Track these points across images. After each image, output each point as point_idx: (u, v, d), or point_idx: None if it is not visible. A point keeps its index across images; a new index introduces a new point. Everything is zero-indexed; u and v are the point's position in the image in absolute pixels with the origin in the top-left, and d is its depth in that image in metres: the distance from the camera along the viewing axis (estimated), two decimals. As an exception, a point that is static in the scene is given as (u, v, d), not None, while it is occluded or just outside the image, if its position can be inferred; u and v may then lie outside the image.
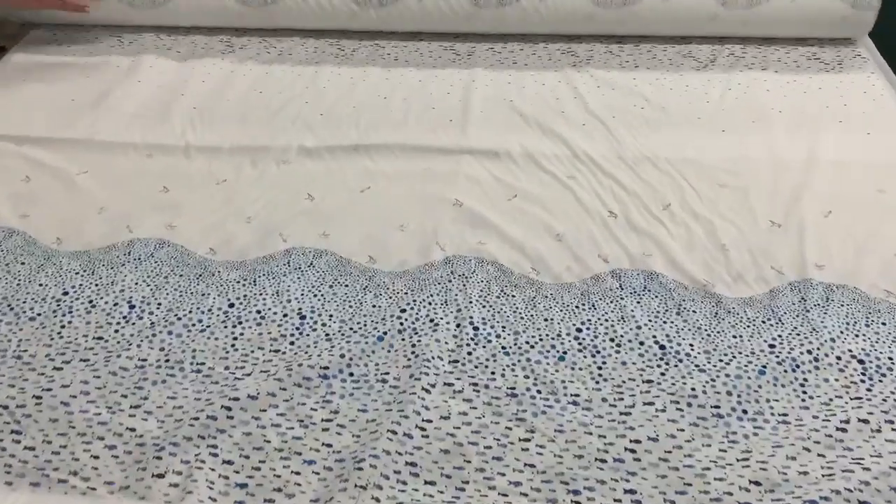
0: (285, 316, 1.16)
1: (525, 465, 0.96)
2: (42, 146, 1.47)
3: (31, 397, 1.04)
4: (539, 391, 1.05)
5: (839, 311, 1.15)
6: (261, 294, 1.19)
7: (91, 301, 1.18)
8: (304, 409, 1.03)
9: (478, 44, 1.79)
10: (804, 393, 1.04)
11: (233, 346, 1.12)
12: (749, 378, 1.06)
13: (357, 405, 1.03)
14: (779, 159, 1.42)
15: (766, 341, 1.11)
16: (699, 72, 1.67)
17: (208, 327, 1.15)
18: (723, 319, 1.15)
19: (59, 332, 1.13)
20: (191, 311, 1.17)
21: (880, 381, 1.05)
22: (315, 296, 1.19)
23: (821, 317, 1.14)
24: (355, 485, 0.92)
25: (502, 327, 1.14)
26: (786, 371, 1.07)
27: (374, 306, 1.17)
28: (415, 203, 1.35)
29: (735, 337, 1.12)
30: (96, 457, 0.97)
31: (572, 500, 0.92)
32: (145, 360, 1.09)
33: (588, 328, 1.14)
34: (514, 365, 1.08)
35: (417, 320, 1.15)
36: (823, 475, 0.93)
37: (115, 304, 1.18)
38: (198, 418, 1.00)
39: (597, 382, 1.06)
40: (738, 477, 0.93)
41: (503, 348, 1.11)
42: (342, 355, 1.10)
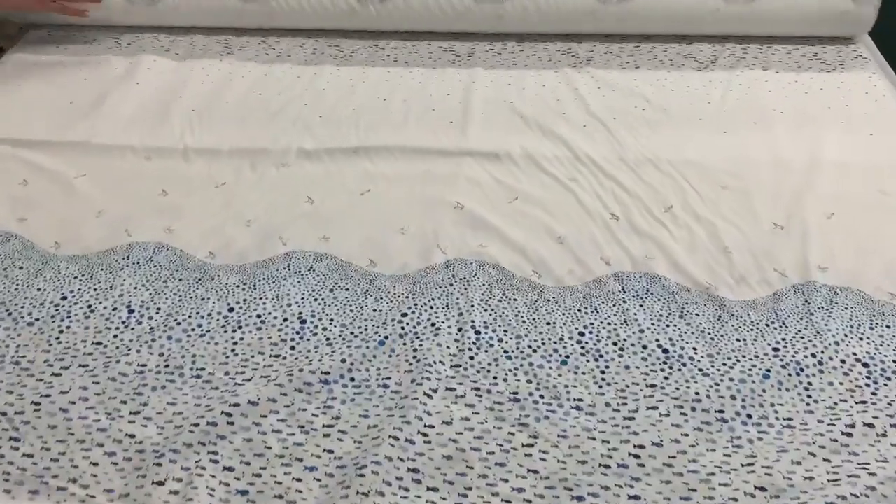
0: (285, 320, 1.15)
1: (528, 471, 0.95)
2: (40, 149, 1.46)
3: (29, 403, 1.03)
4: (542, 396, 1.04)
5: (843, 313, 1.14)
6: (261, 298, 1.19)
7: (90, 306, 1.17)
8: (305, 414, 1.02)
9: (478, 45, 1.77)
10: (809, 397, 1.03)
11: (233, 351, 1.11)
12: (753, 382, 1.05)
13: (358, 411, 1.03)
14: (781, 160, 1.42)
15: (769, 345, 1.10)
16: (700, 72, 1.66)
17: (208, 332, 1.14)
18: (726, 323, 1.14)
19: (57, 338, 1.12)
20: (190, 316, 1.16)
21: (885, 385, 1.04)
22: (315, 300, 1.18)
23: (825, 320, 1.13)
24: (357, 492, 0.91)
25: (504, 331, 1.13)
26: (790, 375, 1.06)
27: (374, 310, 1.17)
28: (415, 206, 1.34)
29: (739, 340, 1.11)
30: (95, 464, 0.96)
31: (576, 507, 0.92)
32: (145, 365, 1.09)
33: (591, 332, 1.13)
34: (516, 369, 1.08)
35: (419, 324, 1.14)
36: (829, 480, 0.92)
37: (114, 309, 1.17)
38: (198, 424, 1.00)
39: (600, 387, 1.05)
40: (743, 482, 0.93)
41: (505, 352, 1.10)
42: (343, 360, 1.09)
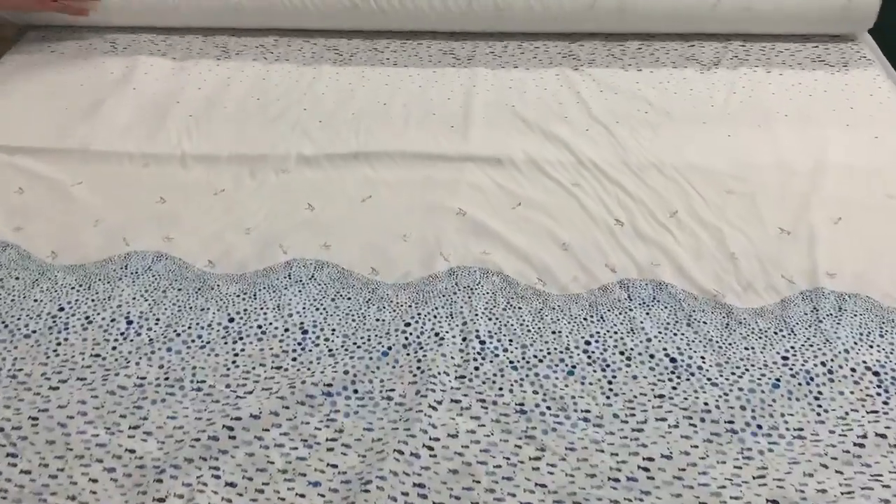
0: (287, 331, 1.14)
1: (536, 485, 0.93)
2: (36, 156, 1.44)
3: (27, 418, 1.01)
4: (549, 407, 1.02)
5: (852, 321, 1.13)
6: (261, 308, 1.17)
7: (88, 317, 1.15)
8: (308, 428, 1.00)
9: (478, 47, 1.75)
10: (819, 407, 1.02)
11: (233, 362, 1.09)
12: (763, 392, 1.04)
13: (362, 424, 1.01)
14: (786, 164, 1.40)
15: (778, 353, 1.09)
16: (703, 74, 1.65)
17: (208, 343, 1.12)
18: (734, 331, 1.12)
19: (55, 350, 1.10)
20: (190, 327, 1.14)
21: (897, 394, 1.03)
22: (317, 309, 1.17)
23: (834, 327, 1.12)
24: (362, 508, 0.90)
25: (509, 341, 1.11)
26: (800, 384, 1.05)
27: (377, 320, 1.15)
28: (417, 212, 1.33)
29: (747, 349, 1.10)
30: (95, 480, 0.94)
31: (585, 522, 0.90)
32: (144, 378, 1.07)
33: (597, 341, 1.11)
34: (522, 380, 1.06)
35: (422, 334, 1.12)
36: (842, 493, 0.91)
37: (113, 320, 1.15)
38: (199, 439, 0.98)
39: (607, 398, 1.04)
40: (755, 496, 0.91)
41: (510, 363, 1.08)
42: (346, 371, 1.07)
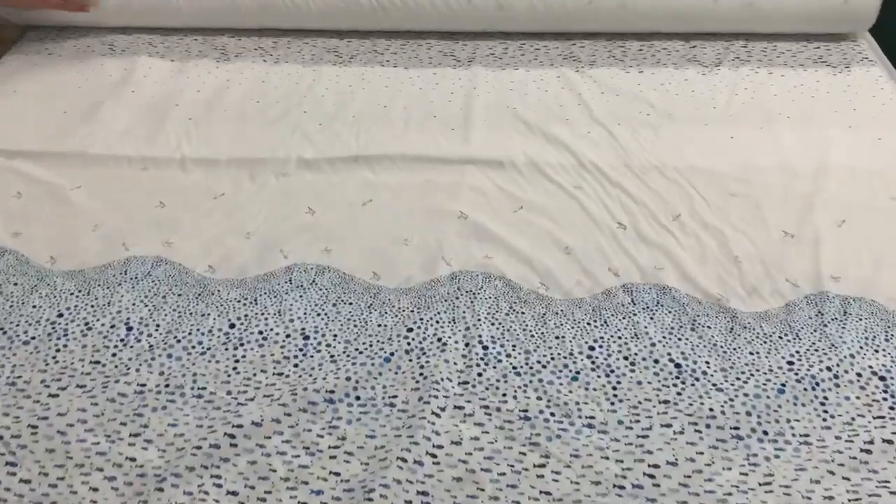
0: (288, 336, 1.13)
1: (541, 492, 0.93)
2: (34, 160, 1.43)
3: (26, 426, 1.00)
4: (553, 413, 1.02)
5: (857, 325, 1.12)
6: (262, 314, 1.16)
7: (87, 323, 1.14)
8: (311, 435, 0.99)
9: (478, 49, 1.75)
10: (825, 412, 1.01)
11: (234, 369, 1.08)
12: (768, 397, 1.03)
13: (365, 431, 1.00)
14: (789, 166, 1.40)
15: (783, 358, 1.08)
16: (704, 76, 1.64)
17: (209, 349, 1.11)
18: (738, 335, 1.12)
19: (54, 357, 1.09)
20: (190, 333, 1.13)
21: (903, 399, 1.02)
22: (318, 315, 1.16)
23: (839, 331, 1.11)
24: (366, 517, 0.89)
25: (512, 346, 1.11)
26: (805, 389, 1.04)
27: (379, 325, 1.14)
28: (418, 216, 1.32)
29: (752, 354, 1.09)
30: (95, 489, 0.94)
31: (591, 530, 0.89)
32: (144, 385, 1.06)
33: (601, 346, 1.11)
34: (525, 386, 1.05)
35: (425, 340, 1.12)
36: (849, 500, 0.90)
37: (112, 327, 1.14)
38: (200, 447, 0.97)
39: (612, 404, 1.03)
40: (762, 503, 0.90)
41: (514, 368, 1.08)
42: (348, 378, 1.06)
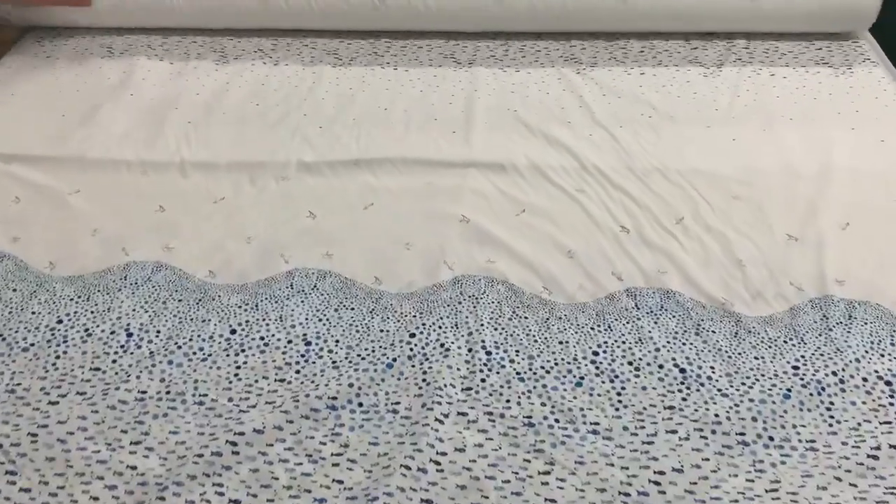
0: (290, 342, 1.12)
1: (546, 500, 0.92)
2: (32, 164, 1.42)
3: (25, 434, 0.99)
4: (557, 420, 1.01)
5: (862, 329, 1.11)
6: (263, 319, 1.15)
7: (87, 329, 1.13)
8: (313, 442, 0.98)
9: (479, 50, 1.74)
10: (831, 417, 1.01)
11: (236, 375, 1.07)
12: (774, 402, 1.02)
13: (368, 438, 0.99)
14: (792, 169, 1.39)
15: (789, 363, 1.08)
16: (706, 77, 1.63)
17: (210, 356, 1.10)
18: (743, 340, 1.11)
19: (53, 364, 1.09)
20: (191, 339, 1.12)
21: (909, 404, 1.02)
22: (320, 320, 1.15)
23: (844, 336, 1.10)
24: (369, 526, 0.88)
25: (516, 351, 1.10)
26: (811, 394, 1.03)
27: (381, 331, 1.13)
28: (420, 220, 1.31)
29: (757, 358, 1.08)
30: (96, 498, 0.93)
31: (596, 538, 0.89)
32: (145, 392, 1.05)
33: (605, 351, 1.10)
34: (529, 392, 1.04)
35: (427, 345, 1.11)
36: (857, 507, 0.90)
37: (112, 333, 1.13)
38: (202, 455, 0.96)
39: (616, 409, 1.02)
40: (769, 510, 0.90)
41: (517, 374, 1.07)
42: (350, 384, 1.05)
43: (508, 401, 1.03)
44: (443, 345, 1.10)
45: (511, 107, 1.56)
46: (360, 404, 1.03)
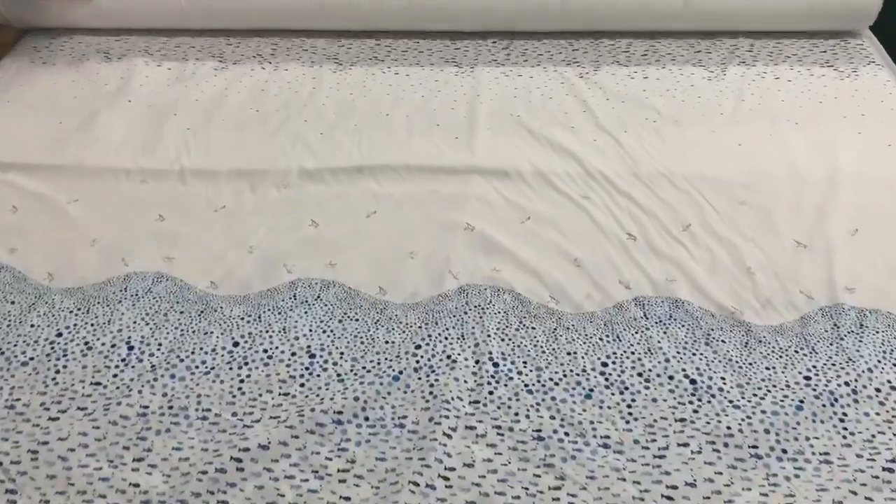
0: (293, 355, 1.10)
1: (557, 516, 0.91)
2: (29, 173, 1.40)
3: (26, 451, 0.97)
4: (567, 433, 0.99)
5: (874, 338, 1.10)
6: (267, 331, 1.13)
7: (87, 343, 1.11)
8: (319, 458, 0.97)
9: (480, 53, 1.72)
10: (845, 429, 0.99)
11: (239, 389, 1.06)
12: (786, 414, 1.01)
13: (375, 453, 0.97)
14: (798, 173, 1.37)
15: (800, 373, 1.06)
16: (710, 81, 1.62)
17: (213, 369, 1.08)
18: (754, 350, 1.09)
19: (53, 378, 1.07)
20: (193, 352, 1.10)
21: (924, 415, 1.00)
22: (324, 332, 1.13)
23: (856, 345, 1.09)
24: (378, 544, 0.86)
25: (523, 363, 1.08)
26: (824, 405, 1.02)
27: (387, 342, 1.11)
28: (424, 228, 1.29)
29: (768, 369, 1.07)
30: (98, 517, 0.91)
31: (609, 555, 0.87)
32: (147, 407, 1.03)
33: (614, 362, 1.08)
34: (538, 404, 1.03)
35: (434, 357, 1.09)
36: (873, 521, 0.88)
37: (113, 346, 1.11)
38: (206, 472, 0.94)
39: (627, 422, 1.01)
40: (784, 525, 0.89)
41: (526, 386, 1.05)
42: (356, 398, 1.04)
43: (517, 414, 1.02)
44: (449, 356, 1.09)
45: (514, 111, 1.54)
46: (367, 418, 1.01)
